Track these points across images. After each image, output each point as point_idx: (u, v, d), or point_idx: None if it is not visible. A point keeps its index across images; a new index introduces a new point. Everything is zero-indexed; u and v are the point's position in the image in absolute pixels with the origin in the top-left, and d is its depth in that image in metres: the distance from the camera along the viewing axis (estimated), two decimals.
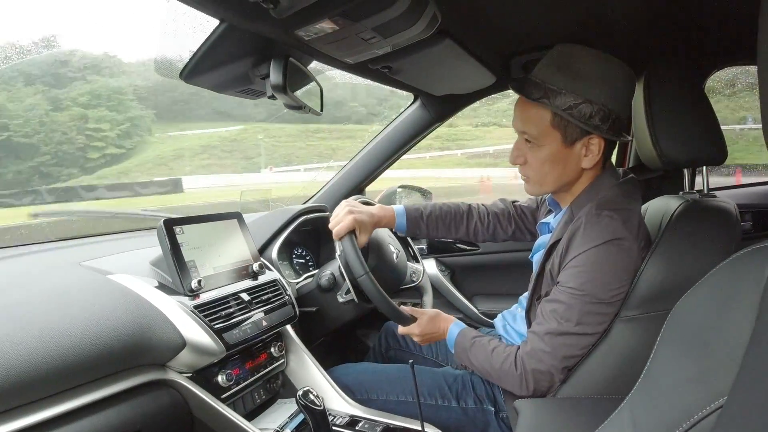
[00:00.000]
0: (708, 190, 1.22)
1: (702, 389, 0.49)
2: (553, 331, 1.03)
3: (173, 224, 1.17)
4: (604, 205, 1.04)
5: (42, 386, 0.77)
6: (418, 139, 1.93)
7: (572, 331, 1.02)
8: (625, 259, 1.00)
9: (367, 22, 0.93)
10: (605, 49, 1.04)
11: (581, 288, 1.00)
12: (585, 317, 1.01)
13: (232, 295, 1.22)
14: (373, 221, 1.25)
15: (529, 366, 1.06)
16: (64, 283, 1.05)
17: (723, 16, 1.21)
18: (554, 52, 1.06)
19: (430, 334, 1.24)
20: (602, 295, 1.00)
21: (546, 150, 1.07)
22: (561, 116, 1.03)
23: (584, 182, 1.12)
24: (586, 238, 1.01)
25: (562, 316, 1.02)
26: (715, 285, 0.55)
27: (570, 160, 1.08)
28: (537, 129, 1.06)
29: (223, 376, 1.14)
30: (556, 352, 1.03)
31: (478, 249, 2.06)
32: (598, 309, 1.01)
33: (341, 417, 1.23)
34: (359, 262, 1.15)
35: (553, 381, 1.06)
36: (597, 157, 1.07)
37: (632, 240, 1.00)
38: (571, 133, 1.05)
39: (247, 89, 1.22)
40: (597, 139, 1.05)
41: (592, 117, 1.02)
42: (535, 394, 1.07)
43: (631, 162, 1.90)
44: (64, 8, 34.87)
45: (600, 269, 0.99)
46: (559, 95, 1.02)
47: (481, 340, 1.16)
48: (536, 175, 1.11)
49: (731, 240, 1.02)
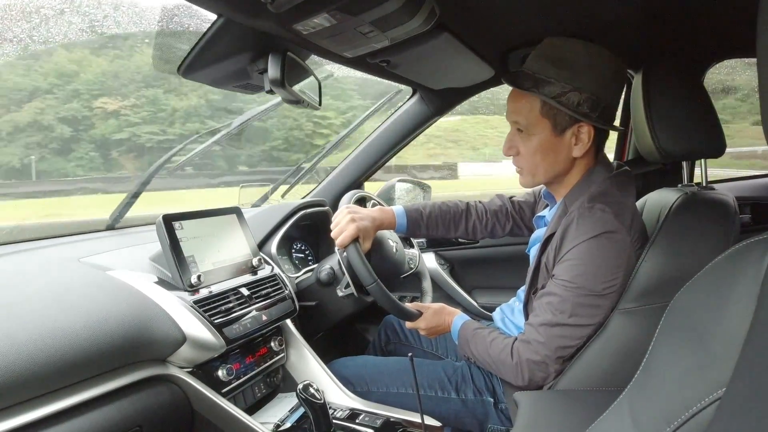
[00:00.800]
0: (707, 183, 1.22)
1: (700, 381, 0.49)
2: (547, 322, 1.05)
3: (172, 219, 1.17)
4: (597, 199, 1.04)
5: (42, 383, 0.77)
6: (416, 133, 1.93)
7: (566, 322, 1.03)
8: (618, 251, 1.01)
9: (366, 16, 0.92)
10: (604, 42, 1.04)
11: (574, 281, 1.01)
12: (579, 309, 1.02)
13: (232, 290, 1.22)
14: (375, 226, 1.26)
15: (524, 356, 1.07)
16: (64, 279, 1.05)
17: (722, 9, 1.21)
18: (544, 44, 1.08)
19: (436, 327, 1.26)
20: (595, 288, 1.01)
21: (536, 139, 1.08)
22: (550, 105, 1.04)
23: (577, 174, 1.12)
24: (579, 231, 1.02)
25: (557, 308, 1.04)
26: (714, 277, 0.55)
27: (561, 149, 1.08)
28: (527, 118, 1.08)
29: (224, 370, 1.14)
30: (550, 343, 1.05)
31: (477, 242, 2.06)
32: (592, 301, 1.02)
33: (341, 410, 1.23)
34: (367, 271, 1.16)
35: (547, 371, 1.07)
36: (587, 146, 1.07)
37: (624, 232, 1.01)
38: (560, 121, 1.06)
39: (246, 84, 1.21)
40: (587, 128, 1.06)
41: (580, 105, 1.03)
42: (530, 384, 1.09)
43: (630, 155, 1.90)
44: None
45: (592, 262, 1.00)
46: (548, 84, 1.04)
47: (481, 331, 1.18)
48: (528, 165, 1.12)
49: (730, 232, 1.02)
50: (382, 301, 1.18)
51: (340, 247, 1.20)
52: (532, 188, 1.35)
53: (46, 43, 2.05)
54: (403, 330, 1.58)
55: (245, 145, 6.36)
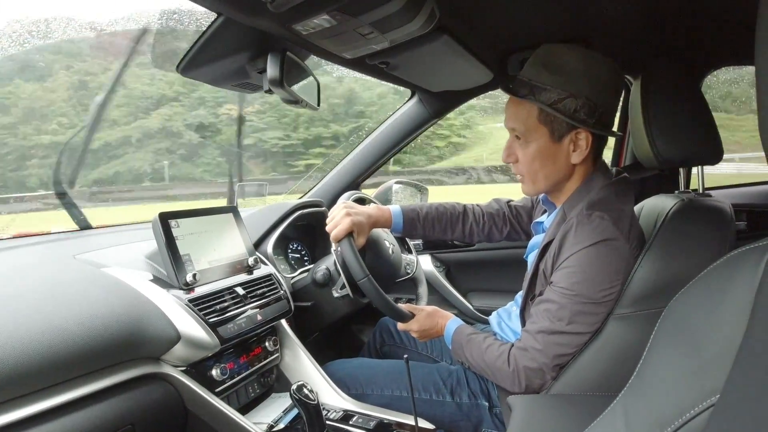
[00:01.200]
0: (703, 190, 1.22)
1: (694, 387, 0.49)
2: (545, 330, 1.04)
3: (169, 217, 1.17)
4: (596, 206, 1.04)
5: (34, 379, 0.77)
6: (414, 135, 1.93)
7: (564, 330, 1.03)
8: (617, 259, 1.00)
9: (365, 18, 0.92)
10: (603, 48, 1.04)
11: (572, 288, 1.01)
12: (577, 317, 1.02)
13: (227, 289, 1.21)
14: (370, 222, 1.25)
15: (522, 363, 1.07)
16: (58, 275, 1.05)
17: (721, 16, 1.22)
18: (540, 51, 1.08)
19: (428, 330, 1.25)
20: (593, 296, 1.00)
21: (534, 146, 1.08)
22: (547, 112, 1.04)
23: (576, 181, 1.12)
24: (578, 239, 1.01)
25: (555, 315, 1.03)
26: (709, 284, 0.55)
27: (559, 156, 1.08)
28: (524, 125, 1.08)
29: (218, 369, 1.14)
30: (547, 351, 1.04)
31: (473, 245, 2.06)
32: (590, 309, 1.02)
33: (335, 411, 1.23)
34: (359, 266, 1.15)
35: (544, 378, 1.07)
36: (585, 152, 1.07)
37: (623, 240, 1.01)
38: (558, 128, 1.05)
39: (245, 83, 1.21)
40: (584, 134, 1.06)
41: (577, 111, 1.03)
42: (527, 391, 1.09)
43: (627, 161, 1.90)
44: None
45: (591, 270, 1.00)
46: (544, 91, 1.03)
47: (477, 337, 1.17)
48: (527, 172, 1.12)
49: (726, 239, 1.02)
50: (373, 297, 1.17)
51: (335, 241, 1.19)
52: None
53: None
54: (398, 332, 1.57)
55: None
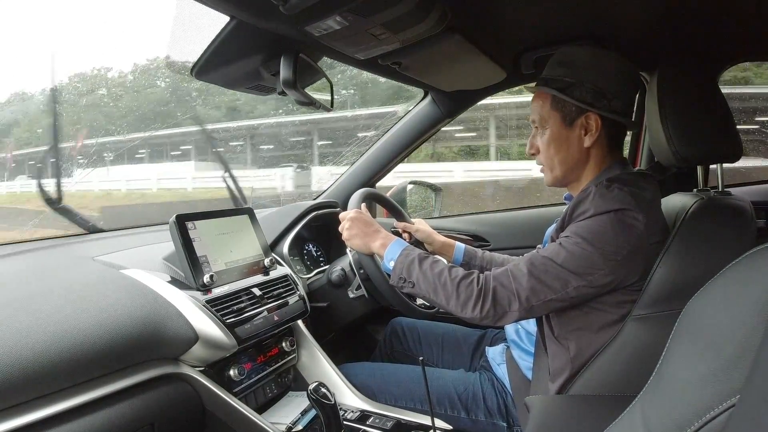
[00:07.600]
0: (723, 188, 1.20)
1: (714, 388, 0.48)
2: (536, 256, 1.01)
3: (186, 219, 1.18)
4: (615, 181, 1.02)
5: (56, 379, 0.78)
6: (428, 135, 1.92)
7: (557, 261, 0.98)
8: (630, 229, 0.96)
9: (377, 18, 0.93)
10: (617, 44, 1.03)
11: (578, 233, 0.98)
12: (573, 259, 0.97)
13: (244, 290, 1.23)
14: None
15: (495, 282, 1.01)
16: (78, 277, 1.07)
17: (737, 11, 1.19)
18: (557, 53, 1.14)
19: (363, 230, 1.22)
20: (597, 245, 0.96)
21: (549, 132, 1.12)
22: (558, 98, 1.10)
23: (593, 169, 1.12)
24: (593, 204, 0.98)
25: (551, 250, 1.00)
26: (728, 283, 0.54)
27: (572, 140, 1.11)
28: (540, 113, 1.13)
29: (235, 370, 1.15)
30: (530, 275, 0.98)
31: (489, 245, 2.05)
32: (590, 256, 0.96)
33: (352, 412, 1.23)
34: (380, 275, 1.25)
35: (508, 309, 0.99)
36: (595, 135, 1.08)
37: (641, 214, 0.96)
38: (569, 112, 1.09)
39: (258, 86, 1.22)
40: (594, 117, 1.08)
41: (584, 95, 1.07)
42: (484, 319, 1.01)
43: (643, 163, 1.87)
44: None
45: (602, 230, 0.96)
46: (555, 81, 1.11)
47: (437, 257, 1.14)
48: (545, 159, 1.15)
49: (746, 238, 1.00)
50: (402, 307, 1.24)
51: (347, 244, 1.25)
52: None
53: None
54: (406, 336, 1.57)
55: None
